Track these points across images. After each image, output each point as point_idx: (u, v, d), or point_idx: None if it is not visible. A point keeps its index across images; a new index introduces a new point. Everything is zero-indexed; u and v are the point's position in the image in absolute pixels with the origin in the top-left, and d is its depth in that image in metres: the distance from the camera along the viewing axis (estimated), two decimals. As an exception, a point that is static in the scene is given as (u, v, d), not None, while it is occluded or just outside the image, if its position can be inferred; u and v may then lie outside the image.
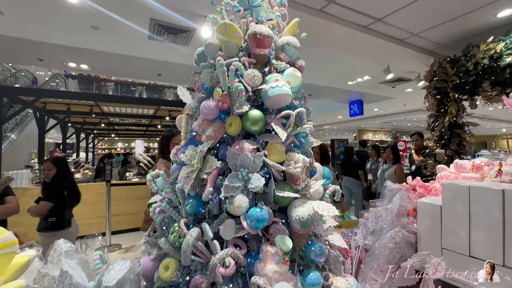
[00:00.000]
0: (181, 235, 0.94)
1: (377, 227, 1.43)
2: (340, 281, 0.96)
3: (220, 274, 0.79)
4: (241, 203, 0.86)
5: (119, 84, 11.84)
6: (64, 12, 2.86)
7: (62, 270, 0.71)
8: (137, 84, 12.16)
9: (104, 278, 0.81)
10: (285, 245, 0.88)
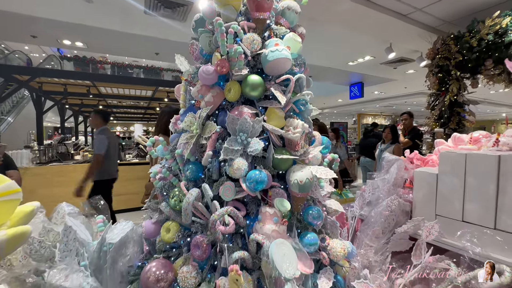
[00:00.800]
0: (181, 199, 0.96)
1: (374, 197, 1.46)
2: (336, 242, 1.00)
3: (220, 232, 0.81)
4: (241, 165, 0.87)
5: (116, 67, 11.59)
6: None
7: (66, 225, 0.73)
8: (134, 66, 11.90)
9: (108, 235, 0.83)
10: (283, 207, 0.90)
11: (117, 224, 0.90)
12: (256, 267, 0.89)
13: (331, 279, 0.93)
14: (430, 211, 1.22)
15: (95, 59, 10.56)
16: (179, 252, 0.99)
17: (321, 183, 1.10)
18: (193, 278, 0.87)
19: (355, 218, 1.52)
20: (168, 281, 0.88)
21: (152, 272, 0.87)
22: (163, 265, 0.90)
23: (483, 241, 0.99)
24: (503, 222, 0.99)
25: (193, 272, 0.87)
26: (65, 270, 0.63)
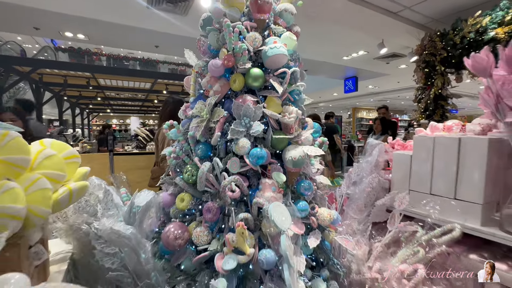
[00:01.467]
0: (193, 174, 1.13)
1: (358, 178, 1.65)
2: (324, 210, 1.18)
3: (228, 196, 0.99)
4: (244, 144, 1.04)
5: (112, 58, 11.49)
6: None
7: (105, 188, 0.90)
8: (130, 58, 11.80)
9: (136, 200, 1.00)
10: (280, 178, 1.08)
11: (142, 192, 1.07)
12: (257, 228, 1.06)
13: (318, 239, 1.12)
14: (405, 187, 1.41)
15: (90, 51, 10.45)
16: (191, 218, 1.16)
17: (311, 161, 1.28)
18: (205, 236, 1.04)
19: (342, 196, 1.71)
20: (184, 239, 1.06)
21: (171, 231, 1.04)
22: (180, 226, 1.08)
23: (444, 208, 1.19)
24: (461, 193, 1.18)
25: (205, 232, 1.05)
26: (109, 221, 0.80)
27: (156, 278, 0.90)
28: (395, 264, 1.10)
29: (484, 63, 1.01)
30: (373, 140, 1.60)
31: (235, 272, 0.98)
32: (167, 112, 2.42)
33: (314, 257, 1.21)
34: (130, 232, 0.80)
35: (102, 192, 0.91)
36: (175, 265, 1.10)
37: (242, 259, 0.93)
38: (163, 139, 2.35)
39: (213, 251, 1.02)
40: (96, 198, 0.90)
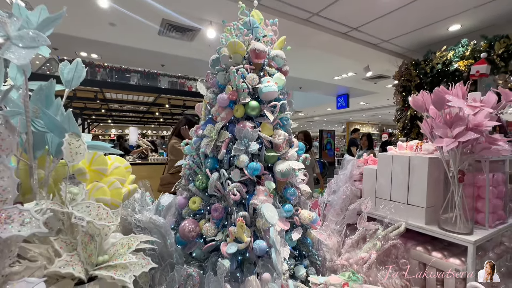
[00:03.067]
0: (204, 181, 1.42)
1: (337, 187, 1.96)
2: (305, 211, 1.48)
3: (231, 199, 1.29)
4: (244, 159, 1.35)
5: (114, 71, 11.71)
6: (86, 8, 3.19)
7: (141, 191, 1.20)
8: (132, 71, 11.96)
9: (161, 200, 1.30)
10: (271, 186, 1.36)
11: (165, 195, 1.36)
12: (253, 224, 1.32)
13: (300, 233, 1.39)
14: (372, 195, 1.73)
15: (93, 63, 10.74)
16: (201, 217, 1.43)
17: (296, 173, 1.58)
18: (213, 230, 1.31)
19: (324, 203, 2.01)
20: (196, 232, 1.33)
21: (187, 226, 1.32)
22: (193, 222, 1.35)
23: (399, 211, 1.50)
24: (412, 199, 1.51)
25: (213, 226, 1.32)
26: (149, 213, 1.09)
27: (177, 259, 1.17)
28: (359, 254, 1.39)
29: (420, 102, 1.36)
30: (347, 156, 1.92)
31: (235, 256, 1.25)
32: (179, 128, 2.75)
33: (297, 250, 1.47)
34: (162, 221, 1.10)
35: (138, 194, 1.21)
36: (188, 253, 1.35)
37: (241, 246, 1.20)
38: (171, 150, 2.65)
39: (219, 241, 1.27)
40: (133, 198, 1.20)
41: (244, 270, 1.25)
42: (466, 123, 1.19)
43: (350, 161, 1.86)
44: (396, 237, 1.34)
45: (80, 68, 0.77)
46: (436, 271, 1.32)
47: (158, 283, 1.06)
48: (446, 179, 1.39)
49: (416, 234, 1.52)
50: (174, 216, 1.47)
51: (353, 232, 1.68)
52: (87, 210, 0.58)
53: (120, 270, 0.54)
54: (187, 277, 0.83)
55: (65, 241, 0.57)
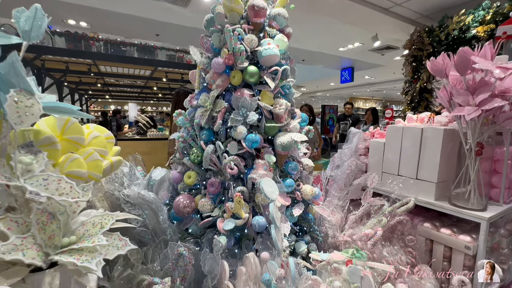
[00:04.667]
0: (199, 155, 1.33)
1: (341, 162, 1.87)
2: (307, 186, 1.40)
3: (228, 173, 1.20)
4: (242, 130, 1.24)
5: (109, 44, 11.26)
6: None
7: (129, 164, 1.11)
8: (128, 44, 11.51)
9: (153, 175, 1.21)
10: (271, 159, 1.28)
11: (157, 169, 1.28)
12: (252, 200, 1.26)
13: (301, 209, 1.34)
14: (379, 170, 1.64)
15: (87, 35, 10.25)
16: (197, 192, 1.37)
17: (298, 146, 1.48)
18: (209, 206, 1.25)
19: (327, 178, 1.94)
20: (192, 207, 1.27)
21: (181, 201, 1.25)
22: (188, 197, 1.28)
23: (407, 186, 1.42)
24: (421, 174, 1.41)
25: (209, 202, 1.25)
26: (137, 188, 1.01)
27: (171, 236, 1.12)
28: (363, 230, 1.33)
29: (440, 66, 1.21)
30: (353, 129, 1.81)
31: (233, 233, 1.20)
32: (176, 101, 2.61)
33: (298, 226, 1.42)
34: (152, 197, 1.02)
35: (126, 168, 1.12)
36: (184, 229, 1.30)
37: (239, 222, 1.14)
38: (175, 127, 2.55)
39: (216, 217, 1.22)
40: (122, 172, 1.11)
41: (242, 246, 1.21)
42: (492, 90, 1.06)
43: (355, 134, 1.75)
44: (403, 213, 1.27)
45: (40, 16, 0.63)
46: (444, 248, 1.26)
47: (150, 260, 1.01)
48: (461, 153, 1.28)
49: (423, 210, 1.45)
50: (169, 191, 1.40)
51: (356, 208, 1.62)
52: (44, 184, 0.49)
53: (86, 255, 0.46)
54: (178, 256, 0.76)
55: (17, 221, 0.48)
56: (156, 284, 0.84)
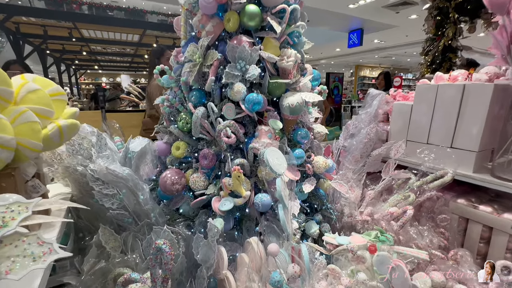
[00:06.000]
0: (188, 121, 1.13)
1: (356, 130, 1.66)
2: (319, 158, 1.22)
3: (224, 142, 1.00)
4: (240, 89, 1.02)
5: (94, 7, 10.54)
6: None
7: (98, 133, 0.90)
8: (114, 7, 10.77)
9: (130, 145, 1.01)
10: (276, 125, 1.08)
11: (136, 138, 1.07)
12: (253, 174, 1.10)
13: (313, 184, 1.18)
14: (402, 138, 1.43)
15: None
16: (188, 166, 1.20)
17: (309, 110, 1.27)
18: (202, 182, 1.08)
19: (339, 149, 1.75)
20: (182, 184, 1.09)
21: (169, 177, 1.07)
22: (177, 172, 1.10)
23: (439, 157, 1.22)
24: (458, 142, 1.21)
25: (202, 177, 1.09)
26: (104, 161, 0.82)
27: (156, 219, 0.95)
28: (386, 208, 1.17)
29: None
30: (373, 90, 1.58)
31: (231, 214, 1.06)
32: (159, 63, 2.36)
33: (308, 203, 1.27)
34: (126, 173, 0.83)
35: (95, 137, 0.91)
36: (174, 209, 1.16)
37: (238, 201, 0.98)
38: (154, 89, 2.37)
39: (210, 195, 1.06)
40: (90, 142, 0.91)
41: (243, 229, 1.06)
42: None
43: (375, 96, 1.53)
44: (435, 188, 1.09)
45: None
46: (482, 228, 1.09)
47: (130, 248, 0.84)
48: (511, 114, 1.06)
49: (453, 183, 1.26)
50: (154, 165, 1.22)
51: (374, 182, 1.45)
52: None
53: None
54: (156, 251, 0.59)
55: None
56: (134, 281, 0.68)
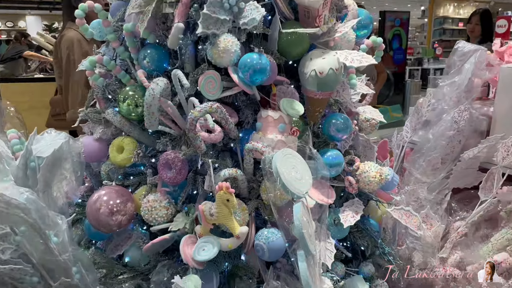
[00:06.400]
0: (138, 102, 1.13)
1: (434, 114, 1.66)
2: (369, 166, 1.21)
3: (201, 141, 0.98)
4: (229, 45, 1.00)
5: None
6: None
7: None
8: None
9: (34, 147, 1.00)
10: (294, 110, 1.08)
11: (45, 134, 1.07)
12: (254, 195, 1.12)
13: (358, 213, 1.18)
14: (515, 128, 1.42)
15: None
16: (139, 180, 1.21)
17: (352, 81, 1.25)
18: (164, 209, 1.08)
19: (403, 146, 1.74)
20: (128, 214, 1.10)
21: (104, 201, 1.06)
22: (118, 192, 1.11)
23: None
24: None
25: (164, 202, 1.09)
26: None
27: (81, 276, 0.95)
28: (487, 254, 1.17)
29: None
30: (464, 43, 1.56)
31: (216, 266, 1.06)
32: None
33: (350, 244, 1.31)
34: (25, 197, 0.82)
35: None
36: (115, 257, 1.18)
37: (227, 243, 0.98)
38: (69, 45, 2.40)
39: (178, 232, 1.08)
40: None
41: None
42: None
43: (468, 53, 1.51)
44: None
45: None
46: None
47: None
48: None
49: None
50: (79, 179, 1.23)
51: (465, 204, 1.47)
52: None
53: None
54: None
55: None
56: None
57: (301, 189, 0.93)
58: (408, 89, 8.86)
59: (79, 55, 2.34)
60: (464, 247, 1.28)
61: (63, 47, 2.44)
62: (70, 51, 2.39)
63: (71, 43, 2.37)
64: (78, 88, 2.38)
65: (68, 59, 2.40)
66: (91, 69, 1.23)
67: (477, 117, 1.51)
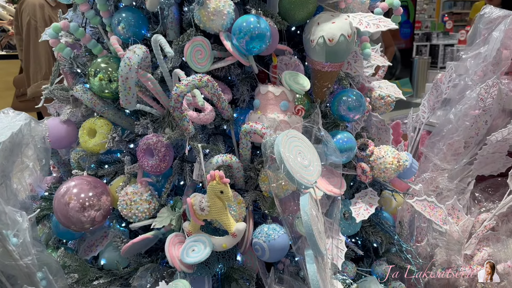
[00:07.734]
0: (112, 77, 1.10)
1: (455, 91, 1.63)
2: (385, 150, 1.19)
3: (188, 121, 0.93)
4: (221, 4, 0.96)
5: None
6: None
7: None
8: None
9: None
10: (298, 84, 1.05)
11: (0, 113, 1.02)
12: (252, 185, 1.09)
13: (373, 205, 1.15)
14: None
15: None
16: (115, 169, 1.18)
17: (365, 50, 1.22)
18: (146, 203, 1.06)
19: (419, 129, 1.72)
20: (102, 208, 1.08)
21: (74, 194, 1.04)
22: (90, 184, 1.08)
23: None
24: None
25: (145, 194, 1.07)
26: None
27: (48, 282, 0.93)
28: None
29: None
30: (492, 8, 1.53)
31: (207, 268, 1.04)
32: None
33: (361, 241, 1.32)
34: None
35: None
36: (88, 259, 1.16)
37: (221, 242, 0.96)
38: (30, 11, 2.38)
39: (163, 230, 1.07)
40: None
41: None
42: None
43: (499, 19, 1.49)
44: None
45: None
46: None
47: None
48: None
49: None
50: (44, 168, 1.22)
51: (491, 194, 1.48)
52: None
53: None
54: None
55: None
56: None
57: (309, 178, 0.91)
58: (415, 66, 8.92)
59: (42, 22, 2.33)
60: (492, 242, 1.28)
61: (24, 14, 2.43)
62: (31, 17, 2.37)
63: (33, 8, 2.35)
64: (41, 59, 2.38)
65: (28, 26, 2.38)
66: (56, 37, 1.19)
67: (506, 94, 1.49)
